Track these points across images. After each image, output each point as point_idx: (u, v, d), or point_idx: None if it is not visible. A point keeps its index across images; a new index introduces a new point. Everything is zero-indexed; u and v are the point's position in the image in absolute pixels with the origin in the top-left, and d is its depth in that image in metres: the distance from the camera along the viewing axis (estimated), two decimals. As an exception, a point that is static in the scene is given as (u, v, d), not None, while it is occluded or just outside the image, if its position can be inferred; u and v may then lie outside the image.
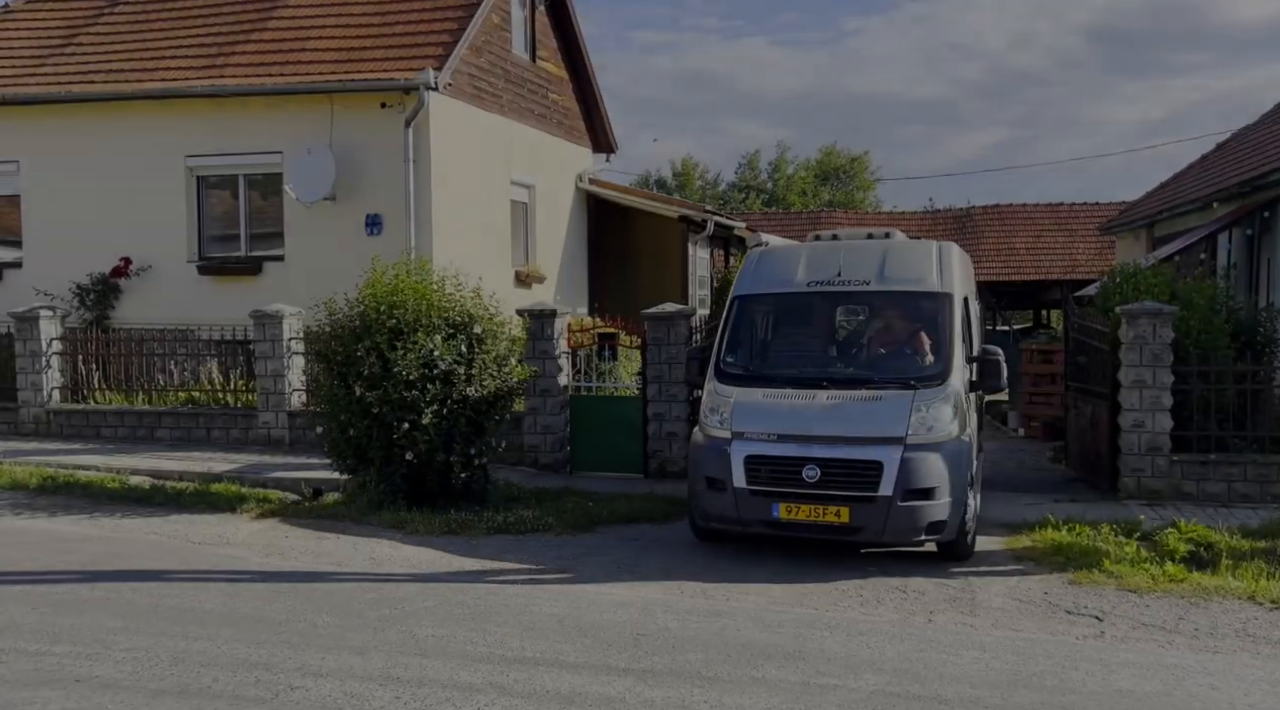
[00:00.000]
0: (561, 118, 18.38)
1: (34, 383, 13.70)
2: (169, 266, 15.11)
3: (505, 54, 16.38)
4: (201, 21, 16.17)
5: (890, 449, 7.63)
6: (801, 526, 7.75)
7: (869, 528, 7.60)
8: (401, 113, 13.95)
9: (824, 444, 7.72)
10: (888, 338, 8.81)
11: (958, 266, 8.80)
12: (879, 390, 8.00)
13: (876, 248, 9.01)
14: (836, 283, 8.70)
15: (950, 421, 7.79)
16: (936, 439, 7.71)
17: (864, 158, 54.75)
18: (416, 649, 5.88)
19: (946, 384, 7.93)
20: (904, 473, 7.55)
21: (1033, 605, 6.95)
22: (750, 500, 7.81)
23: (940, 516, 7.59)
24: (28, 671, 5.42)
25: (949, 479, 7.60)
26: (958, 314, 8.36)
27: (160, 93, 14.80)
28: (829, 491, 7.62)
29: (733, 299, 9.01)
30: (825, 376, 8.22)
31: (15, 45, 16.71)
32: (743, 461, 7.86)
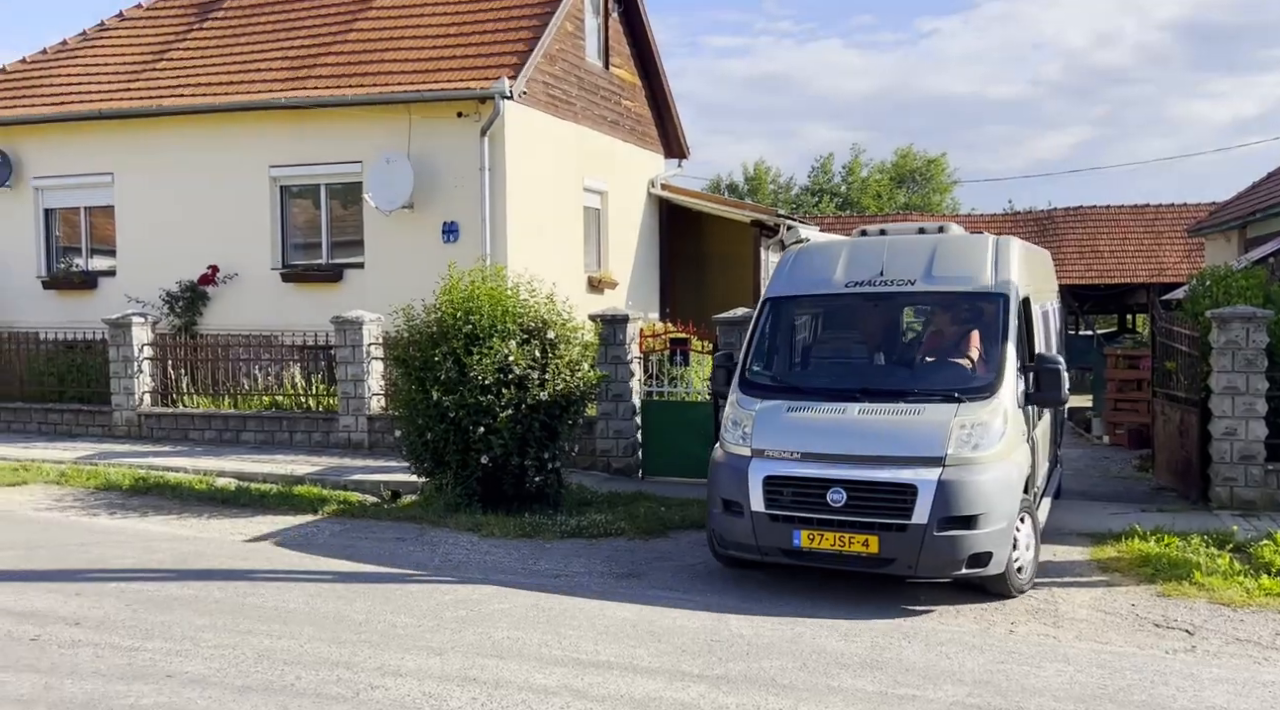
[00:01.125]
0: (634, 124, 18.46)
1: (126, 387, 14.21)
2: (254, 274, 15.55)
3: (579, 62, 16.52)
4: (285, 35, 16.63)
5: (926, 470, 6.79)
6: (825, 556, 6.94)
7: (901, 559, 6.76)
8: (477, 122, 14.16)
9: (852, 464, 6.94)
10: (933, 344, 8.07)
11: (1018, 264, 7.90)
12: (919, 403, 7.16)
13: (925, 243, 8.13)
14: (878, 283, 7.88)
15: (999, 439, 6.96)
16: (982, 459, 6.87)
17: (941, 159, 53.83)
18: (493, 650, 5.94)
19: (995, 396, 7.10)
20: (941, 498, 6.69)
21: (1119, 617, 6.75)
22: (769, 526, 7.05)
23: (984, 547, 6.74)
24: (122, 666, 5.61)
25: (996, 505, 6.79)
26: (1013, 317, 7.50)
27: (245, 105, 15.24)
28: (856, 518, 6.82)
29: (764, 301, 8.36)
30: (859, 388, 7.43)
31: (110, 61, 17.38)
32: (761, 482, 7.10)
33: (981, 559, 6.78)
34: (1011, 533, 6.95)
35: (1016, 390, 7.29)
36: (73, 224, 17.12)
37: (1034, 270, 9.02)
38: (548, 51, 15.28)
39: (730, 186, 52.92)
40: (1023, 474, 7.20)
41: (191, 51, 17.06)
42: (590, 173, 16.74)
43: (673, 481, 11.22)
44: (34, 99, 16.77)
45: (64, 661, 5.66)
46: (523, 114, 14.71)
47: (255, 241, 15.56)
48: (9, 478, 11.28)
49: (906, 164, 53.87)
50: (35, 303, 16.63)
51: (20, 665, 5.58)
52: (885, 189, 52.66)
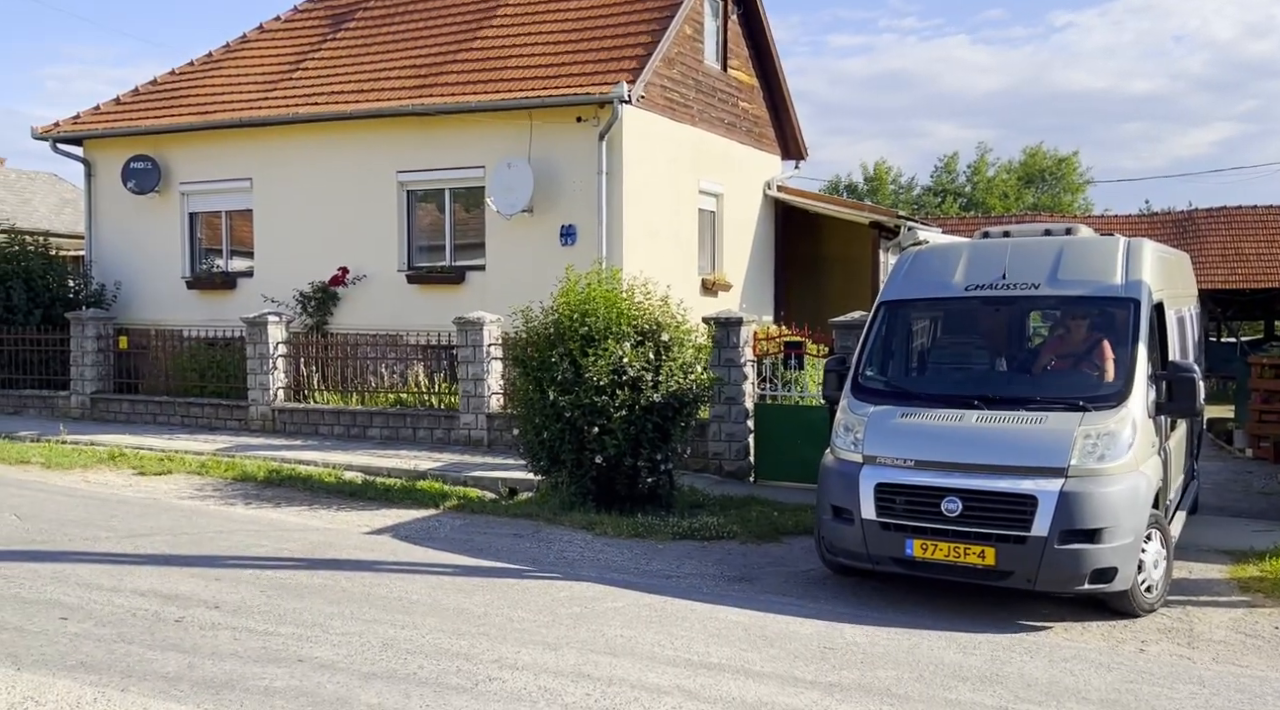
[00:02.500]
0: (751, 125, 18.39)
1: (262, 383, 14.91)
2: (381, 275, 16.12)
3: (697, 64, 16.56)
4: (413, 44, 17.18)
5: (1047, 481, 6.58)
6: (939, 567, 6.81)
7: (1019, 572, 6.58)
8: (596, 126, 14.35)
9: (969, 473, 6.76)
10: (1058, 350, 7.81)
11: (1150, 267, 7.61)
12: (1041, 412, 6.91)
13: (1051, 246, 7.83)
14: (1000, 286, 7.63)
15: (1126, 450, 6.68)
16: (1107, 470, 6.60)
17: (1072, 158, 51.93)
18: (606, 648, 6.03)
19: (1123, 405, 6.81)
20: (1063, 510, 6.47)
21: (1261, 640, 6.40)
22: (880, 534, 6.96)
23: (1108, 562, 6.48)
24: (257, 649, 5.90)
25: (1122, 519, 6.53)
26: (1144, 322, 7.20)
27: (374, 113, 15.81)
28: (972, 528, 6.66)
29: (879, 304, 8.20)
30: (978, 394, 7.21)
31: (250, 72, 18.28)
32: (873, 490, 7.00)
33: (1106, 575, 6.52)
34: (1138, 548, 6.66)
35: (1147, 400, 7.00)
36: (214, 227, 18.06)
37: (1170, 274, 8.74)
38: (666, 55, 15.37)
39: (849, 187, 52.16)
40: (1152, 487, 6.89)
41: (325, 61, 17.79)
42: (706, 175, 16.76)
43: (785, 486, 11.14)
44: (181, 109, 17.76)
45: (205, 643, 5.98)
46: (640, 117, 14.84)
47: (383, 244, 16.13)
48: (155, 467, 11.98)
49: (1036, 163, 52.11)
50: (180, 302, 17.61)
51: (166, 644, 5.92)
52: (1012, 189, 51.03)
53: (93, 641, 5.92)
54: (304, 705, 5.09)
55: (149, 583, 7.21)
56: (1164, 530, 7.14)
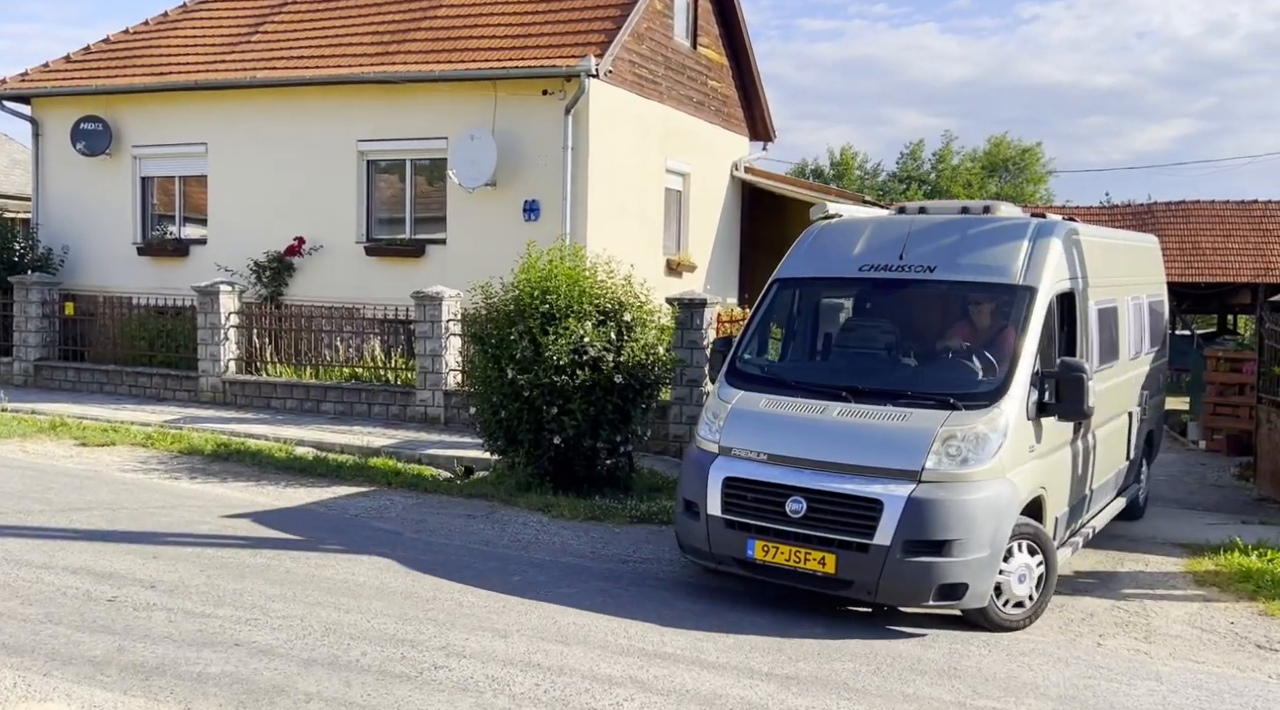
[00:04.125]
0: (720, 105, 18.17)
1: (213, 354, 14.52)
2: (338, 247, 15.74)
3: (666, 40, 16.29)
4: (376, 9, 16.72)
5: (898, 485, 6.07)
6: (780, 572, 6.30)
7: (859, 583, 6.08)
8: (562, 100, 14.05)
9: (820, 472, 6.25)
10: (947, 340, 7.11)
11: (1062, 253, 6.98)
12: (908, 408, 6.34)
13: (957, 226, 7.21)
14: (895, 268, 7.00)
15: (992, 454, 6.11)
16: (967, 476, 6.07)
17: (1036, 149, 52.25)
18: (558, 635, 5.86)
19: (996, 405, 6.23)
20: (909, 517, 5.96)
21: (1216, 636, 6.38)
22: (724, 533, 6.48)
23: (956, 577, 5.97)
24: (193, 632, 5.67)
25: (976, 531, 5.99)
26: (1037, 315, 6.56)
27: (334, 79, 15.37)
28: (815, 532, 6.16)
29: (770, 282, 7.69)
30: (850, 386, 6.64)
31: (208, 33, 17.71)
32: (721, 484, 6.51)
33: (955, 591, 6.02)
34: (996, 563, 6.12)
35: (1026, 400, 6.41)
36: (168, 192, 17.54)
37: (1107, 261, 8.12)
38: (635, 29, 15.08)
39: (815, 172, 52.14)
40: (1019, 497, 6.26)
41: (285, 25, 17.28)
42: (673, 154, 16.53)
43: (746, 470, 10.98)
44: (134, 69, 17.17)
45: (137, 624, 5.74)
46: (608, 93, 14.56)
47: (341, 215, 15.74)
48: (99, 438, 11.60)
49: (1000, 153, 52.41)
50: (130, 268, 17.09)
51: (96, 626, 5.67)
52: (976, 178, 51.31)
53: (17, 622, 5.66)
54: (238, 693, 4.88)
55: (82, 560, 6.93)
56: (1041, 542, 6.47)
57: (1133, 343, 8.82)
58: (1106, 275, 8.05)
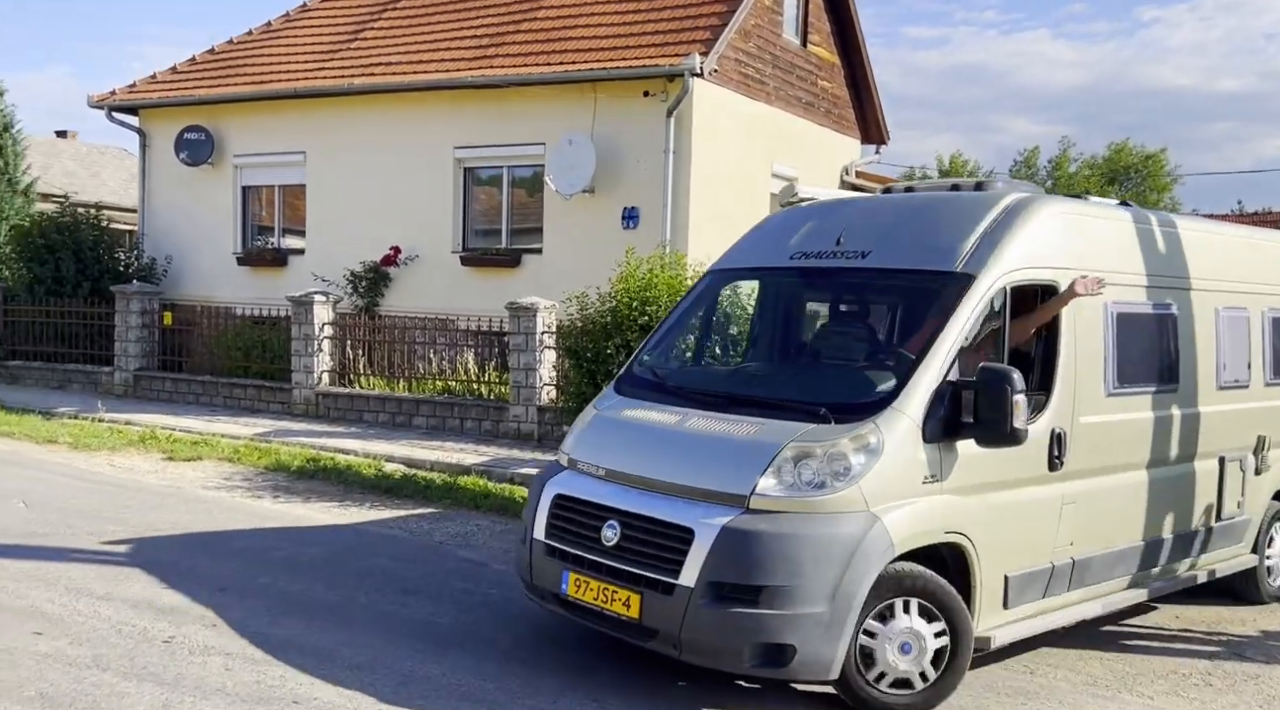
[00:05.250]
0: (830, 106, 17.21)
1: (306, 365, 14.22)
2: (434, 256, 15.32)
3: (775, 38, 15.44)
4: (475, 14, 16.32)
5: (719, 511, 4.82)
6: (589, 612, 5.18)
7: (664, 633, 4.85)
8: (664, 101, 13.36)
9: (645, 491, 5.14)
10: (854, 339, 6.10)
11: (1037, 234, 5.55)
12: (771, 418, 5.12)
13: (913, 205, 6.09)
14: (826, 255, 5.85)
15: (852, 480, 4.77)
16: (814, 504, 4.75)
17: (1160, 155, 49.37)
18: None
19: (874, 419, 4.90)
20: (717, 552, 4.69)
21: None
22: (544, 561, 5.43)
23: (779, 637, 4.62)
24: (249, 685, 5.06)
25: (812, 577, 4.61)
26: (968, 310, 5.19)
27: (431, 84, 14.99)
28: (623, 566, 5.02)
29: (705, 273, 6.78)
30: (729, 392, 5.59)
31: (308, 41, 17.60)
32: (550, 502, 5.49)
33: (779, 654, 4.67)
34: (846, 623, 4.68)
35: (926, 415, 4.95)
36: (267, 202, 17.45)
37: (1175, 254, 6.48)
38: (742, 26, 14.29)
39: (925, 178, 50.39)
40: (896, 538, 4.82)
41: (384, 31, 17.03)
42: (780, 157, 15.64)
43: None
44: (236, 78, 17.15)
45: (190, 672, 5.16)
46: (712, 93, 13.80)
47: (437, 223, 15.33)
48: (186, 452, 11.30)
49: (1121, 159, 49.67)
50: (230, 278, 17.02)
51: (145, 674, 5.11)
52: (1095, 185, 48.76)
53: (62, 666, 5.14)
54: (287, 768, 4.22)
55: (144, 590, 6.43)
56: (944, 603, 4.96)
57: (1228, 366, 6.88)
58: (1162, 271, 6.38)
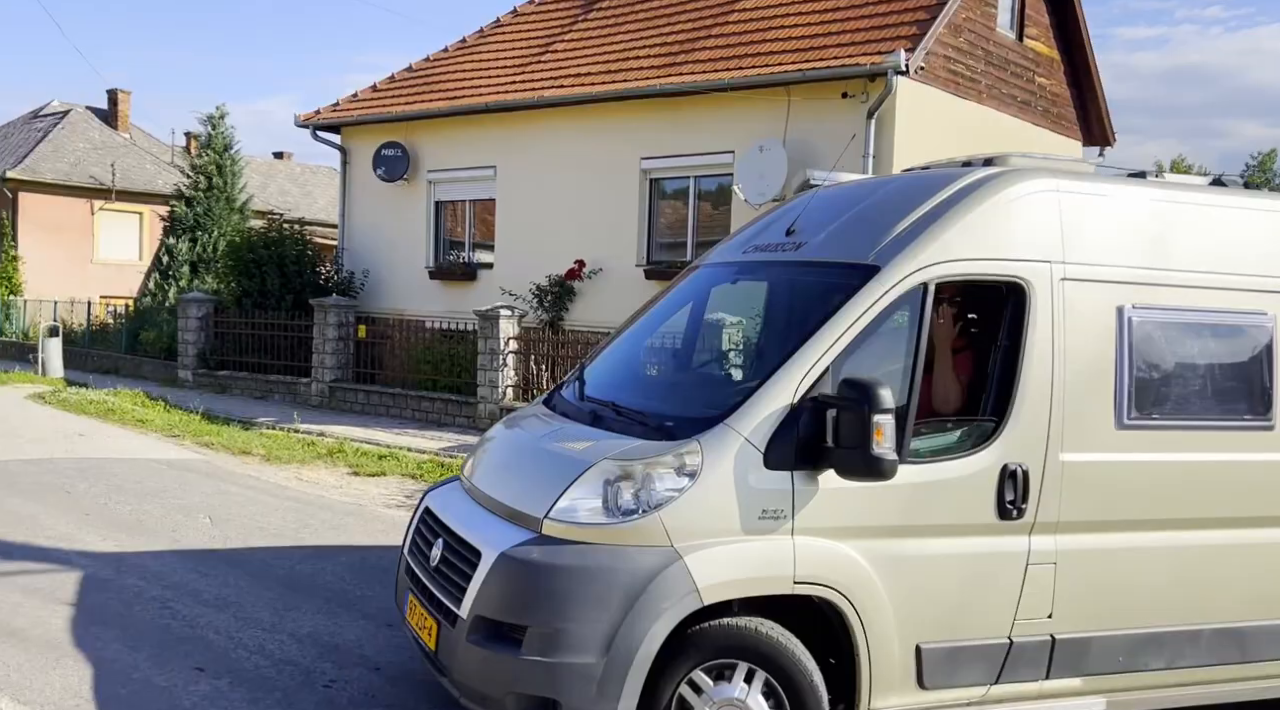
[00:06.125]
0: (1048, 105, 15.73)
1: (491, 380, 14.09)
2: (618, 270, 14.92)
3: (988, 32, 14.20)
4: (665, 22, 15.88)
5: (511, 535, 4.21)
6: (414, 638, 4.72)
7: (450, 669, 4.27)
8: (864, 103, 12.42)
9: (480, 509, 4.62)
10: (762, 341, 5.36)
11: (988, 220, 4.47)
12: (609, 432, 4.48)
13: (884, 188, 5.06)
14: (770, 247, 5.15)
15: (655, 507, 4.00)
16: (604, 533, 4.03)
17: None
18: None
19: (697, 437, 4.09)
20: (490, 582, 4.10)
21: None
22: (403, 579, 5.01)
23: (540, 689, 3.92)
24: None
25: (578, 618, 3.90)
26: (850, 311, 4.26)
27: (618, 94, 14.60)
28: (435, 589, 4.52)
29: (682, 271, 6.12)
30: (615, 402, 4.81)
31: (501, 56, 17.66)
32: (419, 516, 5.09)
33: (536, 707, 3.95)
34: (630, 684, 3.88)
35: (762, 434, 4.05)
36: (459, 217, 17.59)
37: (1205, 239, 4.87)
38: (952, 20, 13.17)
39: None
40: (704, 581, 3.95)
41: (574, 43, 16.85)
42: (992, 162, 14.33)
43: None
44: (431, 95, 17.37)
45: (345, 726, 4.74)
46: (917, 92, 12.74)
47: (622, 236, 14.92)
48: (371, 467, 11.27)
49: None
50: (422, 292, 17.23)
51: (299, 724, 4.73)
52: (1348, 188, 43.74)
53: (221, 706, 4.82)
54: None
55: (315, 624, 6.13)
56: (788, 675, 4.07)
57: None
58: (1243, 269, 4.87)
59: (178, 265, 24.69)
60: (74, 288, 27.34)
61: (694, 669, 4.01)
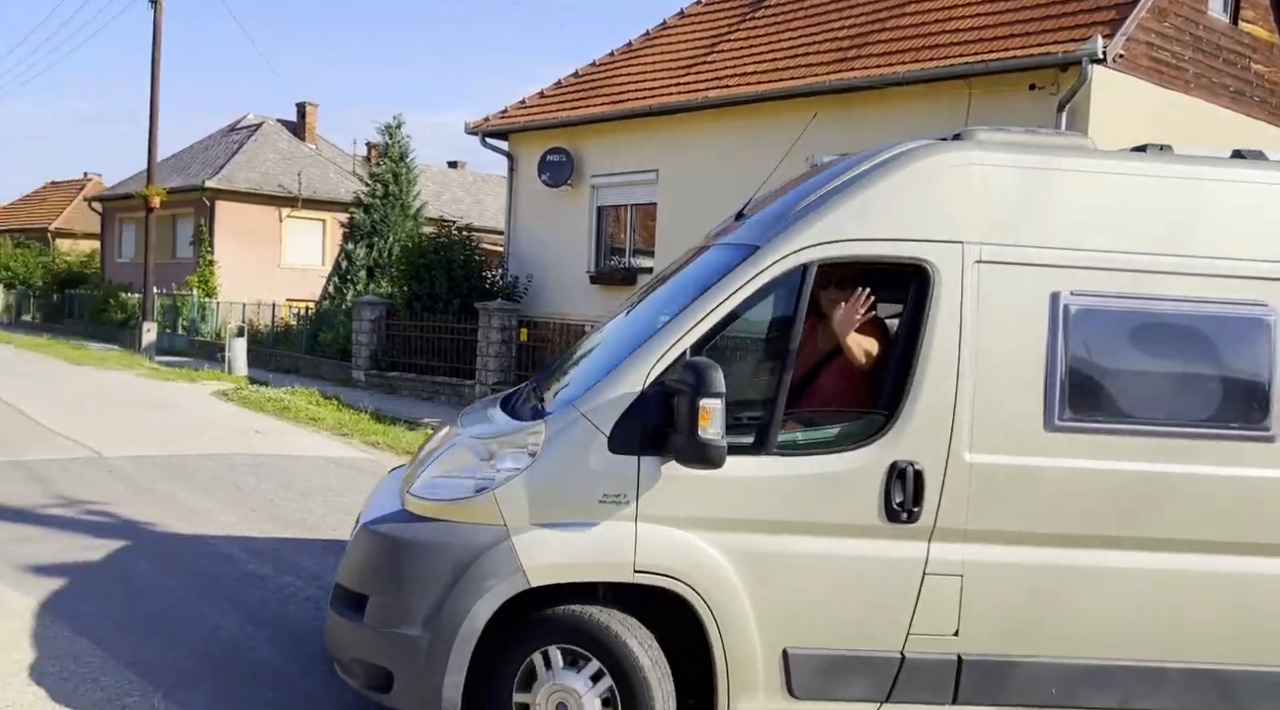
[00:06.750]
0: (1265, 95, 14.22)
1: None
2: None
3: (1197, 16, 12.94)
4: (837, 16, 15.26)
5: (385, 507, 4.44)
6: None
7: None
8: (1054, 94, 11.48)
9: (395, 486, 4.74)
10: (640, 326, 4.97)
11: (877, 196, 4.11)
12: (507, 419, 4.50)
13: (821, 169, 4.79)
14: (716, 233, 5.14)
15: (493, 486, 3.98)
16: (446, 511, 4.09)
17: None
18: None
19: (547, 418, 4.10)
20: (349, 553, 4.44)
21: None
22: None
23: (378, 658, 4.07)
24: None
25: (415, 595, 3.96)
26: (724, 293, 4.04)
27: (784, 92, 14.08)
28: None
29: None
30: (535, 388, 4.96)
31: (665, 58, 17.44)
32: None
33: (383, 680, 4.08)
34: (455, 660, 3.89)
35: (608, 417, 3.93)
36: (620, 221, 17.47)
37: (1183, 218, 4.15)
38: (1155, 4, 12.04)
39: None
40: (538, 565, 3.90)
41: (740, 42, 16.44)
42: (1200, 158, 13.04)
43: None
44: (595, 99, 17.33)
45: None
46: (1115, 82, 11.68)
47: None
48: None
49: None
50: (583, 296, 17.18)
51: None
52: None
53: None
54: None
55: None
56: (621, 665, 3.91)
57: None
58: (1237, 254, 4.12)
59: (355, 270, 25.67)
60: (262, 291, 28.90)
61: (542, 648, 4.00)
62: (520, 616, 3.98)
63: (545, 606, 3.98)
